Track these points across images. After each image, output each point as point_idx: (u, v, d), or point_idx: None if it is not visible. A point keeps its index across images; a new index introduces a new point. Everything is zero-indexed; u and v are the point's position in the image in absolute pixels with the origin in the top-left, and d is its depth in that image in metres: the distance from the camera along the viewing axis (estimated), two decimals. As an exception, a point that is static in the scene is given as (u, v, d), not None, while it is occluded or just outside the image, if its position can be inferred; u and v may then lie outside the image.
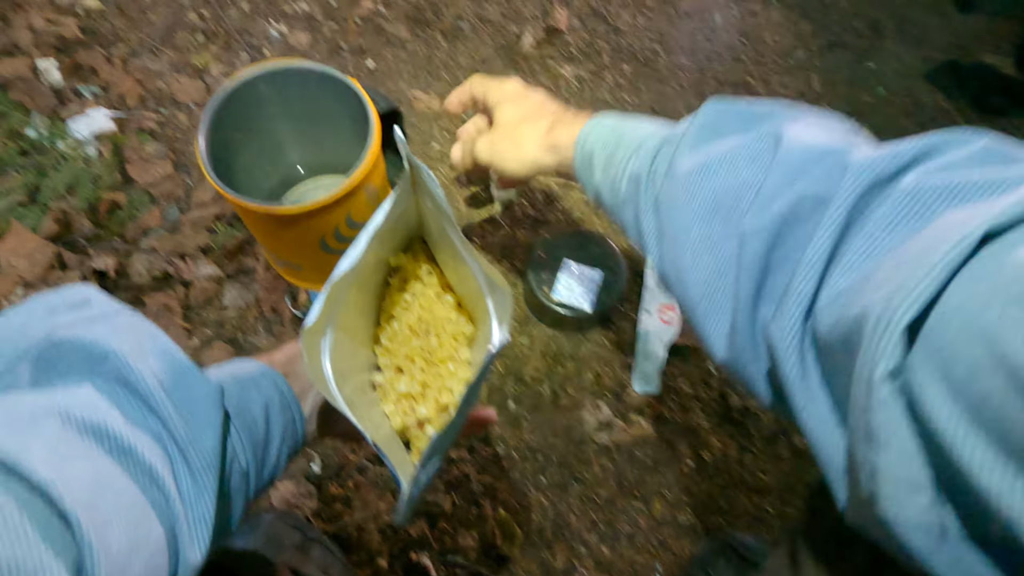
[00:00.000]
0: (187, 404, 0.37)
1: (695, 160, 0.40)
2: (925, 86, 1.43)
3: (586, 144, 0.52)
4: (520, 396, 1.10)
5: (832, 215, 0.31)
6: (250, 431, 0.44)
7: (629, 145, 0.48)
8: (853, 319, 0.27)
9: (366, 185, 0.67)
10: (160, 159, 1.22)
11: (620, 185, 0.48)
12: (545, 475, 1.06)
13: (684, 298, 0.40)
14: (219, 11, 1.36)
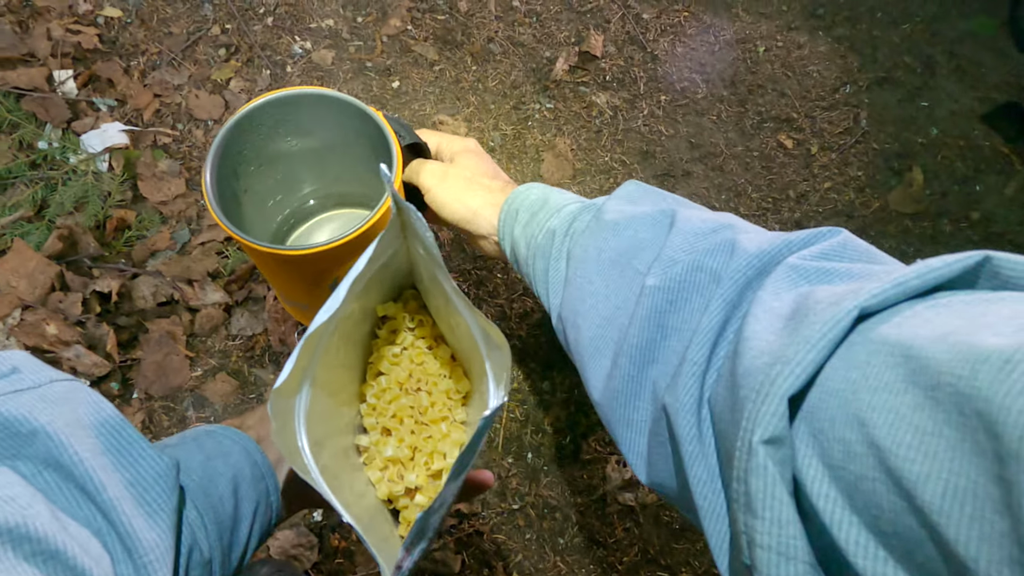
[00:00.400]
0: (134, 486, 0.33)
1: (609, 221, 0.43)
2: (982, 128, 1.35)
3: (514, 203, 0.56)
4: (540, 447, 1.03)
5: (725, 291, 0.33)
6: (215, 511, 0.40)
7: (553, 207, 0.52)
8: (738, 385, 0.28)
9: (382, 227, 0.61)
10: (173, 177, 1.17)
11: (537, 239, 0.50)
12: (564, 536, 0.98)
13: (576, 340, 0.43)
14: (243, 25, 1.31)
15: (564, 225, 0.48)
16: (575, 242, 0.46)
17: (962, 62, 1.42)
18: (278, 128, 0.68)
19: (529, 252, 0.52)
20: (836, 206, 1.27)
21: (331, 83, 1.29)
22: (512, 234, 0.55)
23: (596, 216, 0.45)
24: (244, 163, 0.67)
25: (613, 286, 0.41)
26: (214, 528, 0.39)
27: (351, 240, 0.58)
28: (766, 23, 1.45)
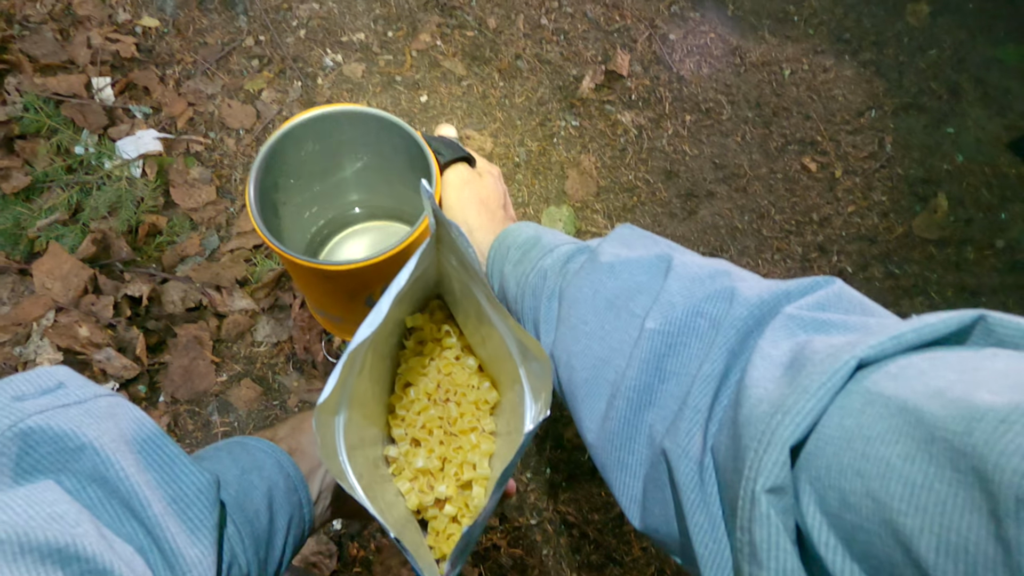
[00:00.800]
0: (176, 502, 0.33)
1: (604, 263, 0.43)
2: (1008, 156, 1.34)
3: (506, 239, 0.57)
4: (558, 463, 1.03)
5: (726, 338, 0.33)
6: (251, 525, 0.40)
7: (545, 247, 0.52)
8: (739, 434, 0.28)
9: (421, 244, 0.62)
10: (204, 184, 1.19)
11: (528, 277, 0.50)
12: (580, 553, 0.98)
13: (569, 380, 0.43)
14: (276, 37, 1.34)
15: (557, 265, 0.48)
16: (568, 282, 0.46)
17: (989, 89, 1.42)
18: (318, 144, 0.70)
19: (519, 290, 0.52)
20: (860, 230, 1.27)
21: (361, 96, 1.31)
22: (502, 271, 0.55)
23: (591, 258, 0.45)
24: (284, 176, 0.69)
25: (608, 327, 0.41)
26: (251, 542, 0.40)
27: (392, 256, 0.59)
28: (792, 46, 1.46)
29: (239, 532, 0.39)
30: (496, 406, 0.53)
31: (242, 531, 0.39)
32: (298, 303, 1.11)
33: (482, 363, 0.54)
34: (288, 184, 0.71)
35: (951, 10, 1.51)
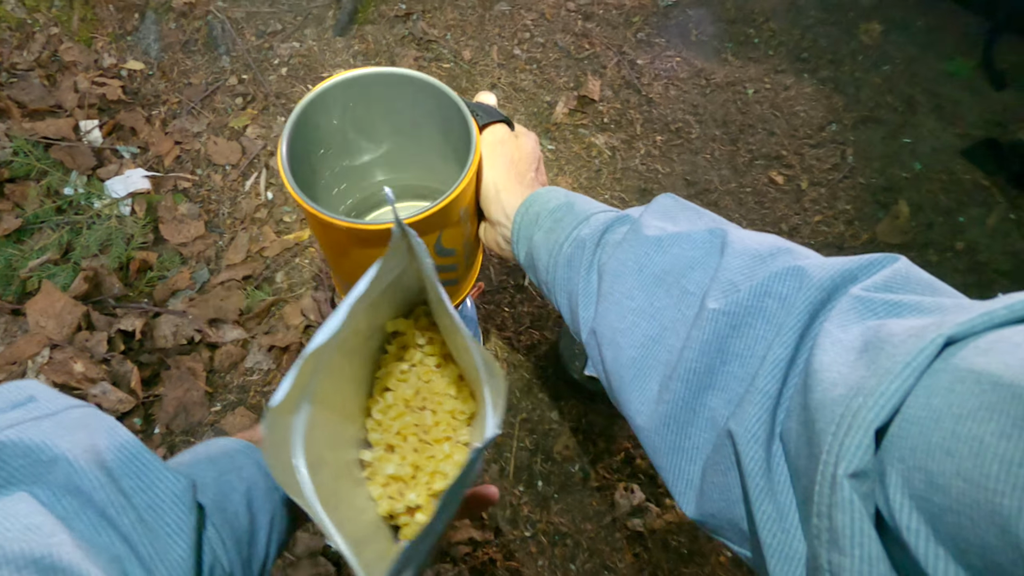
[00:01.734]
0: (152, 509, 0.33)
1: (651, 236, 0.42)
2: (962, 163, 1.42)
3: (534, 205, 0.54)
4: (550, 475, 1.06)
5: (796, 319, 0.32)
6: (231, 527, 0.40)
7: (579, 215, 0.49)
8: (812, 419, 0.27)
9: (461, 206, 0.59)
10: (193, 219, 1.22)
11: (562, 247, 0.48)
12: (575, 563, 1.00)
13: (614, 359, 0.41)
14: (259, 75, 1.38)
15: (595, 235, 0.46)
16: (609, 255, 0.44)
17: (941, 101, 1.50)
18: (347, 111, 0.65)
19: (551, 260, 0.50)
20: (827, 238, 1.32)
21: (343, 129, 1.35)
22: (531, 239, 0.53)
23: (634, 229, 0.43)
24: (315, 145, 0.64)
25: (659, 305, 0.39)
26: (232, 543, 0.40)
27: (432, 215, 0.55)
28: (754, 66, 1.53)
29: (219, 534, 0.39)
30: (473, 417, 0.52)
31: (222, 533, 0.39)
32: (287, 330, 1.14)
33: (462, 372, 0.54)
34: (317, 156, 0.66)
35: (901, 28, 1.60)
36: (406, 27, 1.49)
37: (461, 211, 0.59)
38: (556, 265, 0.49)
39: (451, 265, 0.65)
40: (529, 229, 0.53)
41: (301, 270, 1.21)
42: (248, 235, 1.22)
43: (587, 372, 1.07)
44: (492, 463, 1.06)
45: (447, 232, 0.59)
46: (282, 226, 1.24)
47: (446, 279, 0.67)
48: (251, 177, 1.28)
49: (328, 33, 1.46)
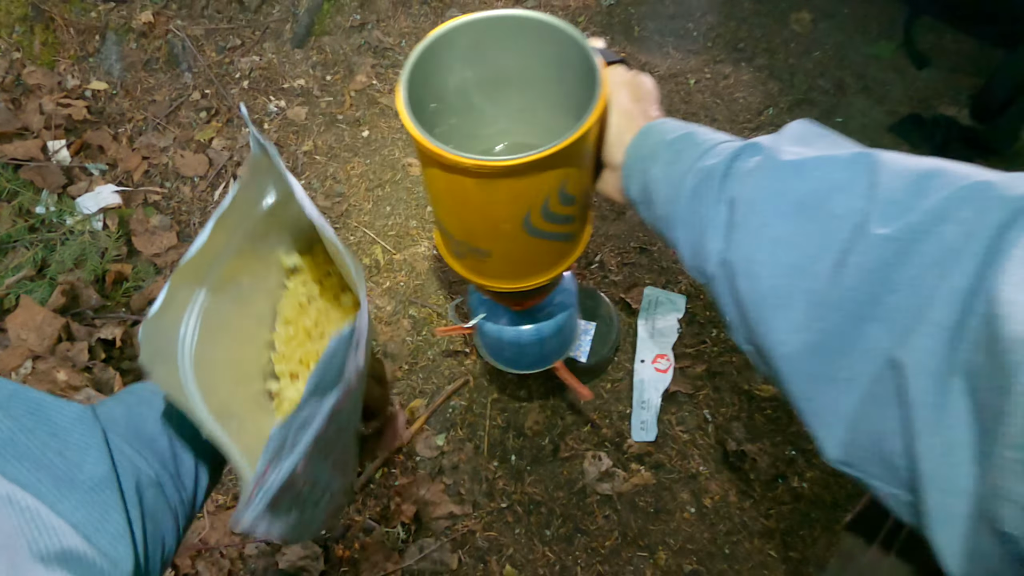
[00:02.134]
0: (56, 436, 0.35)
1: (788, 161, 0.39)
2: (890, 138, 1.52)
3: (650, 137, 0.51)
4: (521, 449, 1.12)
5: (976, 246, 0.30)
6: (150, 447, 0.41)
7: (702, 145, 0.47)
8: (1006, 350, 0.26)
9: (588, 144, 0.55)
10: (165, 230, 1.26)
11: (684, 179, 0.46)
12: (550, 528, 1.07)
13: (752, 289, 0.39)
14: (222, 89, 1.43)
15: (723, 165, 0.43)
16: (741, 183, 0.41)
17: (868, 82, 1.61)
18: (463, 60, 0.62)
19: (674, 192, 0.47)
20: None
21: (306, 136, 1.41)
22: (646, 173, 0.50)
23: (768, 156, 0.41)
24: (428, 98, 0.61)
25: (802, 232, 0.37)
26: (154, 458, 0.40)
27: (561, 149, 0.50)
28: (694, 58, 1.62)
29: (138, 452, 0.40)
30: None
31: (141, 452, 0.40)
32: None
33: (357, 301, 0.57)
34: (429, 110, 0.62)
35: (830, 16, 1.70)
36: (361, 36, 1.55)
37: (587, 152, 0.55)
38: (678, 198, 0.46)
39: (569, 216, 0.60)
40: (644, 163, 0.51)
41: (273, 273, 1.26)
42: (220, 242, 1.26)
43: (551, 350, 1.13)
44: (467, 441, 1.12)
45: (573, 175, 0.55)
46: (252, 232, 1.29)
47: (563, 232, 0.62)
48: (219, 187, 1.33)
49: (286, 46, 1.51)
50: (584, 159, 0.56)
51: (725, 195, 0.42)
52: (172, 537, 0.41)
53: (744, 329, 0.41)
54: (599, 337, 1.15)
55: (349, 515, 1.05)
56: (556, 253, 0.65)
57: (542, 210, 0.57)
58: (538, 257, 0.64)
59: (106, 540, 0.33)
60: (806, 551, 1.07)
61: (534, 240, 0.60)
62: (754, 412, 1.18)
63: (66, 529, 0.31)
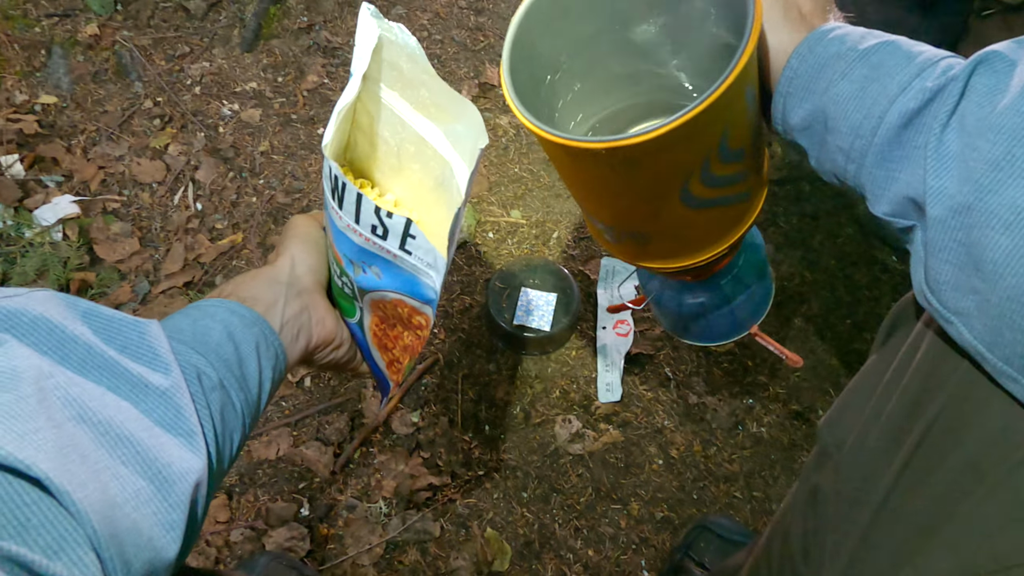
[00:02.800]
0: (126, 349, 0.37)
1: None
2: None
3: (828, 46, 0.41)
4: (494, 419, 1.17)
5: None
6: (216, 353, 0.43)
7: (915, 57, 0.38)
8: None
9: (747, 83, 0.44)
10: (126, 237, 1.28)
11: (895, 101, 0.37)
12: (526, 491, 1.11)
13: (1014, 249, 0.31)
14: (174, 96, 1.44)
15: (956, 86, 0.35)
16: (986, 110, 0.33)
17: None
18: (573, 19, 0.51)
19: (876, 122, 0.38)
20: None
21: (261, 137, 1.43)
22: (826, 94, 0.40)
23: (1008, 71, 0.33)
24: (541, 69, 0.53)
25: None
26: (220, 363, 0.43)
27: (718, 97, 0.40)
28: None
29: (204, 357, 0.42)
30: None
31: (207, 356, 0.42)
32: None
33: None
34: (545, 85, 0.53)
35: None
36: (310, 38, 1.58)
37: (748, 92, 0.45)
38: (880, 126, 0.38)
39: (738, 175, 0.50)
40: (818, 80, 0.41)
41: (239, 271, 1.28)
42: (183, 245, 1.28)
43: (516, 322, 1.18)
44: (441, 416, 1.16)
45: (734, 126, 0.45)
46: (215, 233, 1.31)
47: (733, 194, 0.52)
48: (178, 192, 1.35)
49: (236, 51, 1.54)
50: (742, 105, 0.45)
51: (952, 121, 0.35)
52: (239, 435, 0.44)
53: (968, 281, 0.34)
54: (561, 307, 1.20)
55: (331, 495, 1.08)
56: (729, 219, 0.54)
57: (702, 176, 0.47)
58: (708, 227, 0.55)
59: (182, 437, 0.36)
60: (768, 491, 1.14)
61: (699, 212, 0.51)
62: (711, 367, 1.24)
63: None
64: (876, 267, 1.38)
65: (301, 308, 0.52)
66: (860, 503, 0.48)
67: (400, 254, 0.46)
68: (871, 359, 0.55)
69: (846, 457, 0.51)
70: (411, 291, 0.49)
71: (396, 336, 0.56)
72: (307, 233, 0.57)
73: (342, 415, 1.15)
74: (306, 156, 1.42)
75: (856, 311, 1.31)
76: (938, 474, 0.41)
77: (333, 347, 0.57)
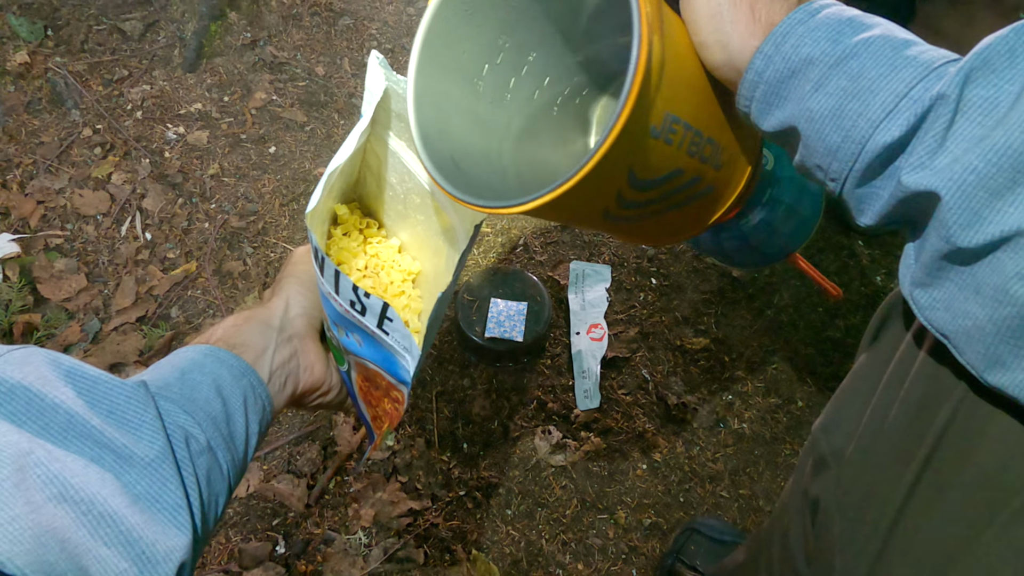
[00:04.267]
0: (112, 414, 0.36)
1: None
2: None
3: (793, 44, 0.34)
4: (472, 436, 1.13)
5: None
6: (204, 410, 0.42)
7: (911, 57, 0.32)
8: None
9: (649, 123, 0.38)
10: (72, 273, 1.21)
11: (897, 108, 0.32)
12: (510, 508, 1.08)
13: None
14: (114, 122, 1.38)
15: (944, 106, 0.30)
16: (995, 124, 0.29)
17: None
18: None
19: (857, 147, 0.33)
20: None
21: (210, 160, 1.37)
22: (801, 103, 0.34)
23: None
24: (473, 63, 0.47)
25: None
26: (208, 422, 0.41)
27: (600, 159, 0.35)
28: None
29: (192, 416, 0.40)
30: (418, 276, 0.62)
31: (195, 416, 0.41)
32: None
33: (402, 245, 0.62)
34: (482, 73, 0.48)
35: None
36: (255, 54, 1.52)
37: (666, 117, 0.38)
38: (863, 153, 0.33)
39: (675, 189, 0.44)
40: (787, 84, 0.35)
41: (195, 301, 1.22)
42: (134, 278, 1.22)
43: (488, 334, 1.15)
44: (417, 437, 1.12)
45: (642, 165, 0.40)
46: (167, 263, 1.25)
47: (677, 201, 0.46)
48: (125, 222, 1.28)
49: (178, 71, 1.48)
50: (654, 134, 0.38)
51: (957, 135, 0.30)
52: (224, 497, 0.43)
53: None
54: (532, 316, 1.17)
55: (307, 529, 1.04)
56: (690, 217, 0.50)
57: (620, 204, 0.42)
58: (672, 223, 0.50)
59: (166, 513, 0.35)
60: (754, 487, 1.12)
61: (643, 221, 0.46)
62: (688, 365, 1.23)
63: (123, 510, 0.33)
64: (843, 253, 1.38)
65: (290, 355, 0.51)
66: (868, 524, 0.45)
67: (378, 332, 0.46)
68: (861, 359, 0.53)
69: (847, 470, 0.49)
70: (388, 368, 0.49)
71: (378, 398, 0.56)
72: (305, 271, 0.56)
73: (313, 444, 1.10)
74: (259, 177, 1.37)
75: (827, 298, 1.31)
76: (953, 493, 0.38)
77: (320, 393, 0.56)
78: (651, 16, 0.35)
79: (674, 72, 0.38)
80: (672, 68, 0.37)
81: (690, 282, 1.32)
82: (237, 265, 1.26)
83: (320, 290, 0.50)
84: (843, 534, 0.48)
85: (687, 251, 1.36)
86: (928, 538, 0.40)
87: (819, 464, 0.53)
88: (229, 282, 1.25)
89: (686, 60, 0.40)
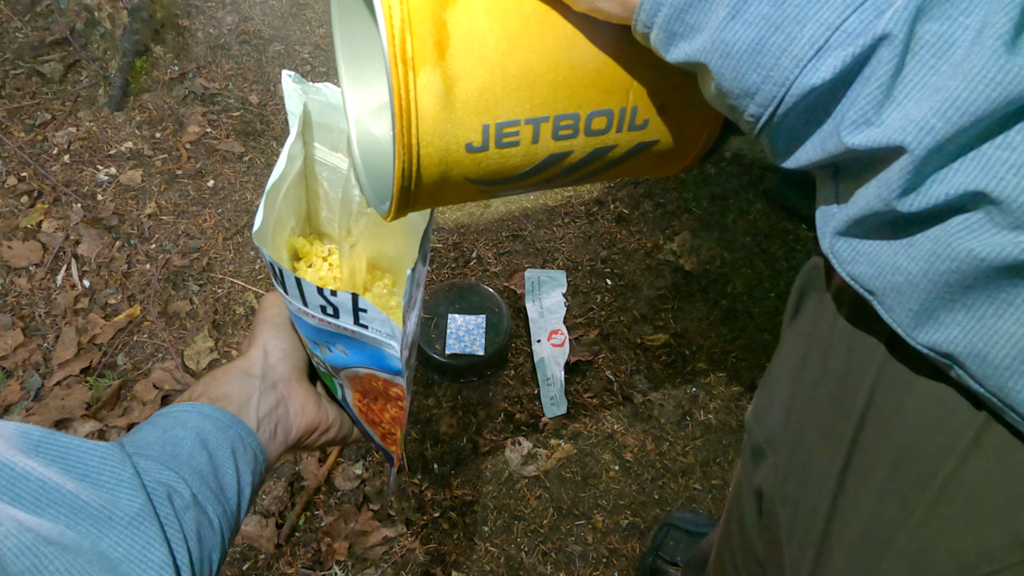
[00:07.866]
0: (87, 477, 0.35)
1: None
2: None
3: None
4: (442, 456, 1.12)
5: None
6: (189, 465, 0.41)
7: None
8: None
9: (461, 141, 0.34)
10: (6, 330, 1.15)
11: (804, 70, 0.27)
12: (487, 524, 1.07)
13: None
14: (40, 168, 1.32)
15: (890, 48, 0.25)
16: (930, 75, 0.25)
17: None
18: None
19: (779, 89, 0.27)
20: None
21: (146, 199, 1.33)
22: (715, 34, 0.28)
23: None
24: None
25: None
26: (193, 476, 0.40)
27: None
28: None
29: (175, 473, 0.39)
30: (395, 283, 0.60)
31: (179, 471, 0.40)
32: (146, 408, 1.11)
33: (369, 258, 0.61)
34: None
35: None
36: (184, 87, 1.49)
37: (487, 128, 0.34)
38: (788, 97, 0.28)
39: (589, 158, 0.37)
40: (694, 8, 0.29)
41: (143, 346, 1.18)
42: (74, 328, 1.17)
43: (448, 351, 1.14)
44: (385, 462, 1.10)
45: (475, 172, 0.36)
46: (109, 309, 1.21)
47: (618, 157, 0.38)
48: (60, 271, 1.23)
49: (104, 111, 1.43)
50: (467, 157, 0.34)
51: (908, 96, 0.26)
52: (218, 552, 0.41)
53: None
54: (491, 328, 1.17)
55: (280, 570, 1.00)
56: (649, 164, 0.40)
57: (508, 190, 0.38)
58: (630, 173, 0.43)
59: (153, 572, 0.34)
60: (725, 477, 1.14)
61: (593, 177, 0.40)
62: (651, 362, 1.24)
63: None
64: (789, 237, 1.41)
65: (277, 401, 0.50)
66: (807, 512, 0.44)
67: (357, 329, 0.45)
68: (784, 338, 0.51)
69: (781, 458, 0.47)
70: (379, 364, 0.48)
71: (380, 409, 0.55)
72: (278, 314, 0.54)
73: (279, 481, 1.07)
74: (199, 212, 1.33)
75: (778, 283, 1.34)
76: (880, 472, 0.37)
77: (320, 432, 0.54)
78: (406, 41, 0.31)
79: (491, 74, 0.32)
80: (484, 72, 0.32)
81: (644, 280, 1.33)
82: (184, 305, 1.22)
83: (291, 313, 0.49)
84: (786, 524, 0.47)
85: (639, 250, 1.37)
86: (862, 523, 0.39)
87: (756, 453, 0.51)
88: (177, 323, 1.21)
89: (522, 46, 0.33)
